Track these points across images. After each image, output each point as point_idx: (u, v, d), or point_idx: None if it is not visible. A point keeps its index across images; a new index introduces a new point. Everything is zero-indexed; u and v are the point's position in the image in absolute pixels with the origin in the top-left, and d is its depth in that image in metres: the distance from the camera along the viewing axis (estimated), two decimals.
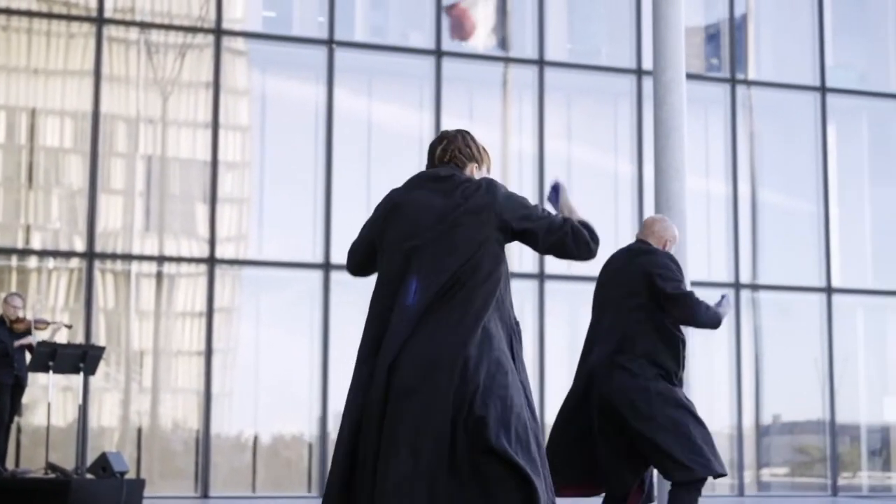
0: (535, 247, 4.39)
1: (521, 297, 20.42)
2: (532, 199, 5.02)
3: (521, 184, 20.78)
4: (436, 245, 4.37)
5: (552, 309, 20.45)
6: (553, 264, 20.45)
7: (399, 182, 5.51)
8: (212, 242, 19.18)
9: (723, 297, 6.83)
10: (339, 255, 19.47)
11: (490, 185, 4.42)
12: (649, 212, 16.93)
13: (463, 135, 4.78)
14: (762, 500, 19.88)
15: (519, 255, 20.58)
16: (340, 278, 19.43)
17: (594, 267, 19.89)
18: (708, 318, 6.25)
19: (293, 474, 19.55)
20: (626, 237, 20.84)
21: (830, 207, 22.24)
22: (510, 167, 20.90)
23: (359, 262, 4.82)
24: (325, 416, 19.18)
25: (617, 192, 21.16)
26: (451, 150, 4.67)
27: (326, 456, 19.08)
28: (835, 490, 21.64)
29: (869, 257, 22.84)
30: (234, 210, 20.04)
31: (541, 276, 20.41)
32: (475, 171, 4.65)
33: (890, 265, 22.73)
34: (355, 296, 19.66)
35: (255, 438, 19.61)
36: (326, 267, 19.40)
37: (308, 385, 19.27)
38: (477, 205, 4.35)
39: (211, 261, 19.11)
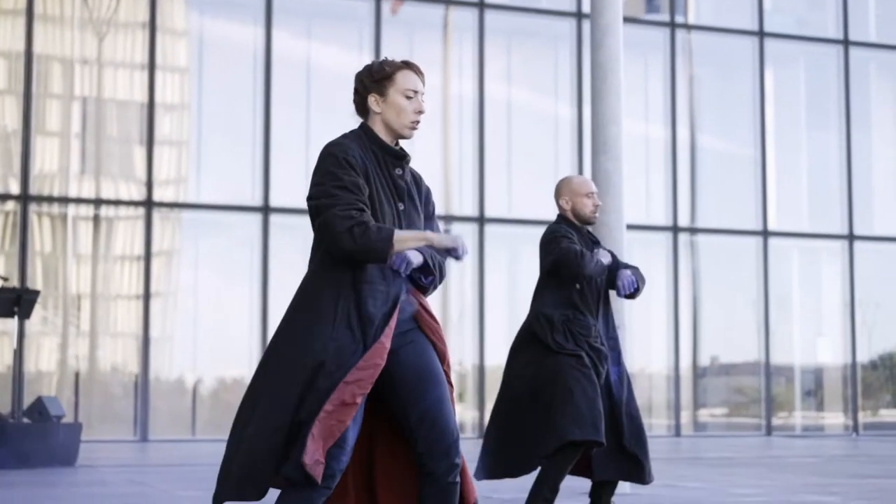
0: None
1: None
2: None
3: (461, 127, 20.77)
4: None
5: (492, 253, 20.51)
6: (493, 208, 20.49)
7: (337, 125, 5.42)
8: (149, 185, 19.03)
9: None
10: (278, 199, 19.39)
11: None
12: (589, 155, 16.98)
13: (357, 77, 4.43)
14: (698, 441, 20.13)
15: (459, 199, 20.60)
16: (279, 221, 19.37)
17: (534, 211, 19.98)
18: (595, 269, 6.16)
19: (233, 417, 19.51)
20: None
21: (767, 152, 22.42)
22: (451, 110, 20.86)
23: None
24: None
25: (557, 136, 21.20)
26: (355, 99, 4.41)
27: None
28: (769, 430, 21.97)
29: (805, 201, 23.08)
30: (173, 153, 19.87)
31: (481, 220, 20.44)
32: (374, 104, 4.36)
33: (825, 209, 22.99)
34: (294, 239, 19.63)
35: (195, 382, 19.58)
36: (265, 210, 19.32)
37: (248, 328, 19.24)
38: None
39: (149, 204, 18.97)
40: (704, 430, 21.90)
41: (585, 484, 7.14)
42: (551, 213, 6.62)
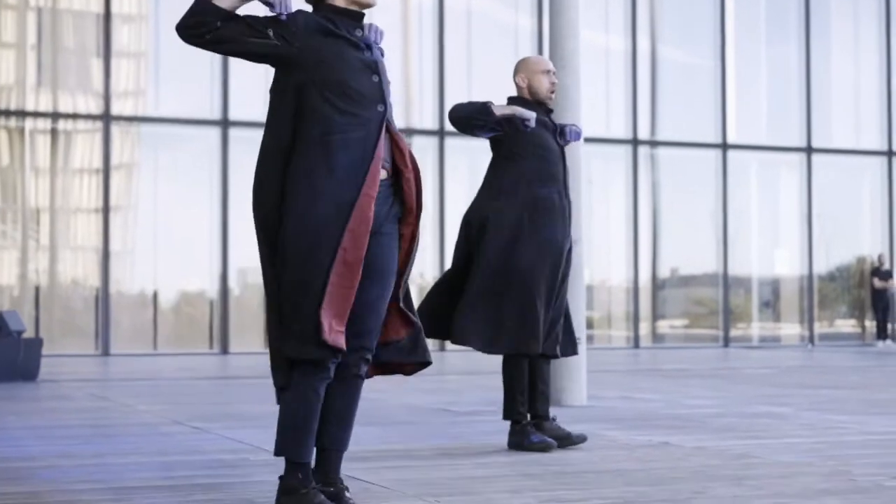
0: None
1: (422, 153, 20.41)
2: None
3: (420, 38, 20.64)
4: None
5: (452, 165, 20.50)
6: None
7: None
8: (107, 98, 18.86)
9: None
10: (238, 112, 19.27)
11: None
12: None
13: None
14: (657, 352, 20.37)
15: (420, 111, 20.54)
16: (239, 135, 19.27)
17: None
18: (470, 107, 6.05)
19: (195, 331, 19.59)
20: None
21: (727, 63, 22.42)
22: (411, 21, 20.71)
23: None
24: (226, 273, 19.18)
25: (517, 47, 21.11)
26: None
27: (228, 312, 19.14)
28: (727, 341, 22.24)
29: (764, 114, 23.15)
30: (131, 64, 19.68)
31: (441, 133, 20.40)
32: None
33: (784, 121, 23.08)
34: (254, 152, 19.56)
35: (156, 295, 19.57)
36: (225, 124, 19.20)
37: (209, 242, 19.22)
38: None
39: (107, 118, 18.81)
40: (663, 341, 22.14)
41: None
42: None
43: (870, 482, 4.89)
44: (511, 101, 6.27)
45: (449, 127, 20.39)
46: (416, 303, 4.46)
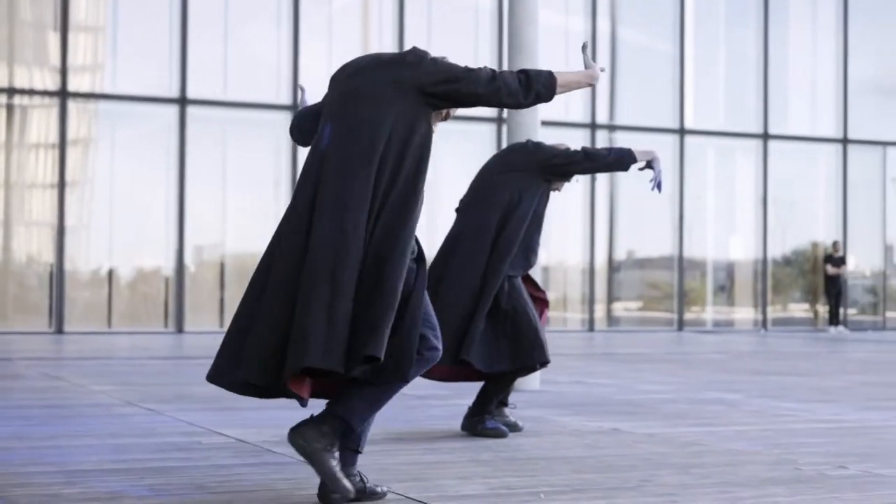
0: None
1: None
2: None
3: (381, 17, 20.60)
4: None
5: None
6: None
7: (257, 16, 5.40)
8: (64, 73, 18.72)
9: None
10: (195, 90, 19.19)
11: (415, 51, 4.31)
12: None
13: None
14: (612, 336, 20.49)
15: None
16: (196, 113, 19.19)
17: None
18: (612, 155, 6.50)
19: (150, 309, 19.52)
20: None
21: (686, 48, 22.52)
22: (371, 2, 20.68)
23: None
24: (181, 250, 19.11)
25: (477, 27, 21.12)
26: None
27: (183, 290, 19.08)
28: (681, 325, 22.40)
29: (721, 99, 23.27)
30: (89, 39, 19.53)
31: None
32: None
33: (741, 107, 23.22)
34: (211, 131, 19.48)
35: (111, 273, 19.49)
36: (182, 101, 19.11)
37: (165, 219, 19.14)
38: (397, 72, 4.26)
39: (63, 94, 18.68)
40: (618, 324, 22.26)
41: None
42: (469, 108, 6.61)
43: (814, 471, 4.97)
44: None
45: None
46: None
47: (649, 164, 6.42)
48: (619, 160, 6.33)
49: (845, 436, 6.28)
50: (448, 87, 4.27)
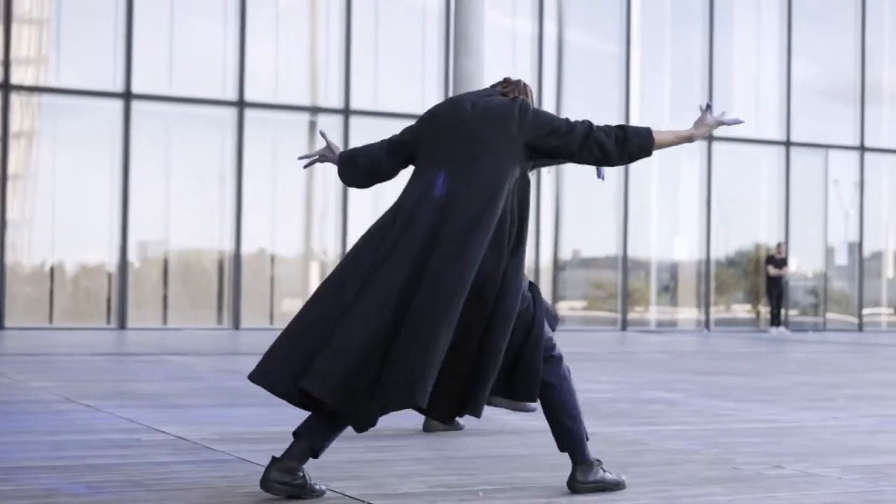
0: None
1: (327, 131, 20.38)
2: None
3: (328, 16, 20.56)
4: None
5: (356, 144, 20.48)
6: (358, 100, 20.42)
7: (203, 12, 5.37)
8: (6, 65, 18.53)
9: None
10: (140, 85, 19.06)
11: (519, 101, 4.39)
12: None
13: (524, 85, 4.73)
14: (556, 335, 20.56)
15: (325, 90, 20.46)
16: (140, 108, 19.06)
17: (400, 104, 19.92)
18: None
19: (92, 305, 19.36)
20: (433, 77, 20.96)
21: (632, 51, 22.65)
22: (318, 3, 20.64)
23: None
24: (125, 246, 18.98)
25: (424, 28, 21.12)
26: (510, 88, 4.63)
27: (126, 286, 18.95)
28: (625, 324, 22.52)
29: (667, 99, 23.42)
30: (33, 32, 19.35)
31: (346, 112, 20.36)
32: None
33: (686, 109, 23.37)
34: (156, 125, 19.35)
35: (53, 268, 19.31)
36: (127, 96, 18.97)
37: (108, 215, 19.00)
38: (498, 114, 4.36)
39: (5, 87, 18.48)
40: (563, 323, 22.32)
41: None
42: (416, 107, 6.70)
43: (752, 470, 5.02)
44: None
45: (354, 105, 20.38)
46: None
47: None
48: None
49: (783, 435, 6.34)
50: (550, 143, 4.33)
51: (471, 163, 4.23)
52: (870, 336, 22.51)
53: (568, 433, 4.42)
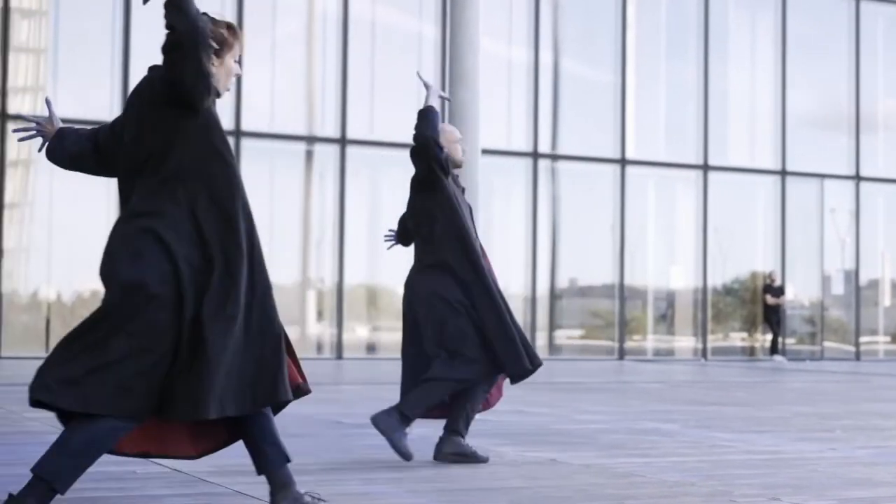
0: None
1: (325, 160, 20.42)
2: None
3: (324, 46, 20.61)
4: None
5: (353, 174, 20.50)
6: (355, 129, 20.46)
7: None
8: (3, 94, 18.56)
9: None
10: None
11: None
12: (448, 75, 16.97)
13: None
14: (553, 364, 20.53)
15: (322, 119, 20.48)
16: None
17: (396, 134, 19.90)
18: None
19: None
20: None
21: (628, 79, 22.70)
22: (315, 28, 20.68)
23: None
24: None
25: (421, 57, 21.17)
26: None
27: None
28: (622, 353, 22.50)
29: (662, 131, 23.47)
30: (30, 61, 19.39)
31: (342, 141, 20.39)
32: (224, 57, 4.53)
33: (681, 138, 23.42)
34: None
35: (51, 296, 19.29)
36: None
37: (105, 243, 18.96)
38: None
39: (2, 115, 18.51)
40: (560, 352, 22.32)
41: None
42: (411, 137, 6.74)
43: (748, 503, 5.00)
44: None
45: (351, 135, 20.41)
46: None
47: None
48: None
49: (780, 467, 6.33)
50: None
51: None
52: (867, 365, 22.49)
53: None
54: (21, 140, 4.86)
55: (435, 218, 6.43)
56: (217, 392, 4.05)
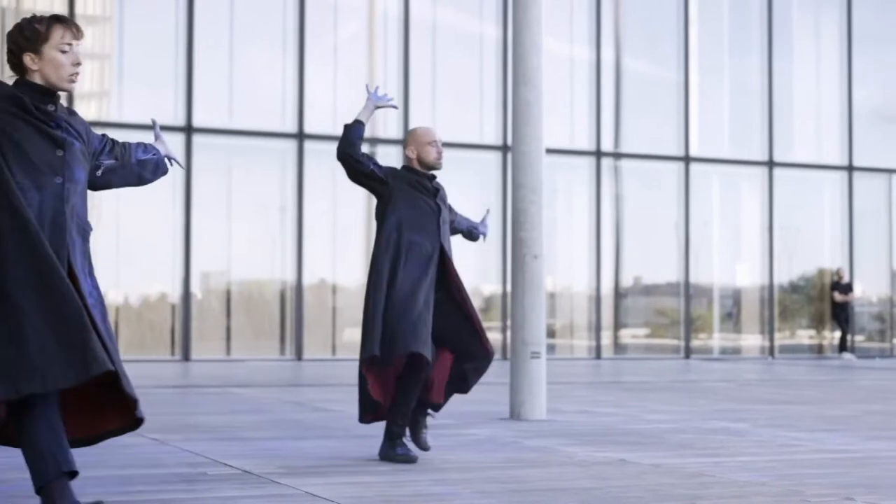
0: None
1: (387, 161, 20.44)
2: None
3: (385, 48, 20.66)
4: None
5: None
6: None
7: (261, 43, 5.41)
8: (70, 101, 18.77)
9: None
10: (202, 118, 19.24)
11: None
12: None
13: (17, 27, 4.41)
14: (618, 363, 20.46)
15: (384, 122, 20.53)
16: (202, 141, 19.23)
17: (459, 134, 19.82)
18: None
19: (156, 336, 19.53)
20: (491, 103, 21.00)
21: (691, 76, 22.55)
22: (376, 30, 20.74)
23: None
24: (188, 277, 19.13)
25: (482, 58, 21.16)
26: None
27: (190, 316, 19.10)
28: (688, 352, 22.35)
29: (726, 127, 23.29)
30: (95, 67, 19.61)
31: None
32: (30, 63, 4.45)
33: (745, 135, 23.23)
34: (217, 158, 19.53)
35: (118, 300, 19.50)
36: (188, 130, 19.16)
37: (171, 246, 19.17)
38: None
39: None
40: (625, 352, 22.22)
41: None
42: (474, 137, 6.82)
43: (821, 502, 4.95)
44: (402, 167, 7.02)
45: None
46: None
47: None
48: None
49: (852, 466, 6.25)
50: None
51: None
52: None
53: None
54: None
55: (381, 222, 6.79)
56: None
